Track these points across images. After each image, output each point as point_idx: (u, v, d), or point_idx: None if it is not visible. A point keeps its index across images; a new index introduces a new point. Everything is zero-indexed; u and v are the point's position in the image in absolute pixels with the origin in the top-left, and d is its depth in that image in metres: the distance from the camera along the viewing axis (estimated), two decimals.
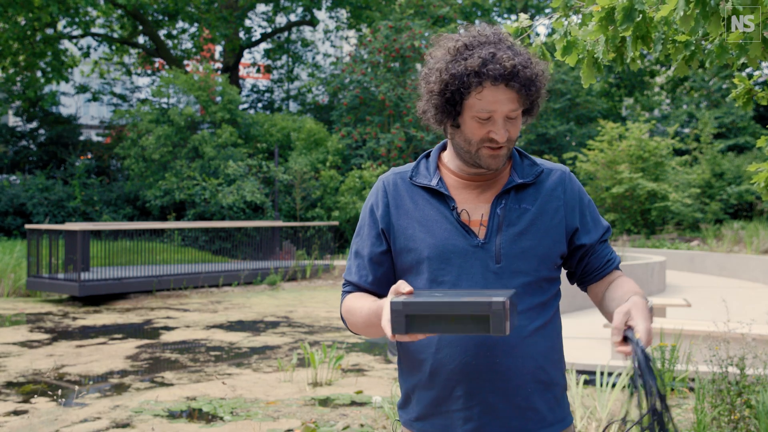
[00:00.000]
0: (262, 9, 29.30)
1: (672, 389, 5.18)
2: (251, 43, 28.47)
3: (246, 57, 30.98)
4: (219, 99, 21.22)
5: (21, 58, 22.07)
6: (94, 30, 24.93)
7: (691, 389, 5.26)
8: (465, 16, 26.41)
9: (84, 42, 26.81)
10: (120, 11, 24.38)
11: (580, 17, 2.56)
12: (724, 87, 25.67)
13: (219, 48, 29.00)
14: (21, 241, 16.83)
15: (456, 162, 1.68)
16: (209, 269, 14.21)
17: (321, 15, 30.85)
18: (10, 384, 6.33)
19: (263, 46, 30.19)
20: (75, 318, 10.43)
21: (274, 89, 30.88)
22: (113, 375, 6.75)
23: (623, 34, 2.31)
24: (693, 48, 2.47)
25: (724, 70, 23.52)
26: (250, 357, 7.57)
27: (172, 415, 5.32)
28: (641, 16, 2.23)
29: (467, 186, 1.67)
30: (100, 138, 26.35)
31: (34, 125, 24.31)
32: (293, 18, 29.45)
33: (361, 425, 4.86)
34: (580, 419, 4.25)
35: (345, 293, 1.74)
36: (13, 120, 27.60)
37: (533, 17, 19.05)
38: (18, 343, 8.30)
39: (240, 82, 28.80)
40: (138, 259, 13.34)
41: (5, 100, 23.06)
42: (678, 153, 24.21)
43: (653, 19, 2.33)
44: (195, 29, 26.45)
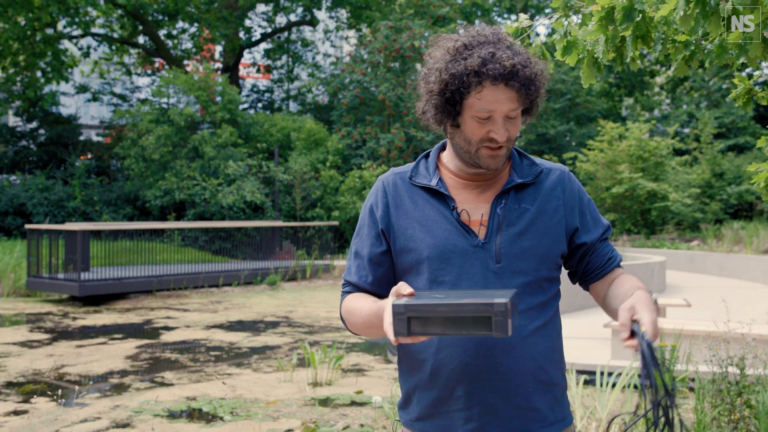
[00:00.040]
0: (262, 9, 29.31)
1: (672, 389, 5.18)
2: (251, 43, 28.47)
3: (246, 57, 30.98)
4: (219, 99, 21.22)
5: (21, 58, 22.07)
6: (94, 30, 24.93)
7: (691, 389, 5.26)
8: (465, 16, 26.41)
9: (84, 42, 26.81)
10: (120, 11, 24.38)
11: (580, 17, 2.56)
12: (724, 87, 25.67)
13: (219, 48, 29.00)
14: (21, 241, 16.83)
15: (455, 162, 1.68)
16: (209, 269, 14.21)
17: (321, 15, 30.84)
18: (10, 384, 6.33)
19: (263, 46, 30.19)
20: (75, 318, 10.43)
21: (274, 89, 30.88)
22: (113, 375, 6.75)
23: (623, 33, 2.31)
24: (693, 48, 2.47)
25: (724, 70, 23.52)
26: (250, 357, 7.57)
27: (172, 415, 5.32)
28: (641, 15, 2.23)
29: (467, 186, 1.67)
30: (100, 138, 26.35)
31: (34, 125, 24.31)
32: (293, 18, 29.45)
33: (361, 425, 4.86)
34: (580, 419, 4.25)
35: (344, 293, 1.74)
36: (13, 120, 27.60)
37: (533, 17, 19.04)
38: (18, 343, 8.30)
39: (240, 82, 28.79)
40: (138, 259, 13.35)
41: (5, 100, 23.06)
42: (678, 153, 24.20)
43: (653, 19, 2.33)
44: (195, 29, 26.45)
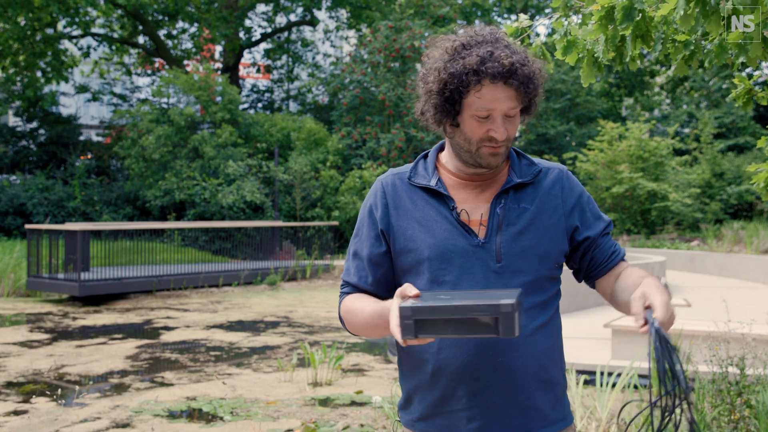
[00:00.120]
0: (262, 9, 29.30)
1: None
2: (251, 43, 28.47)
3: (246, 57, 30.98)
4: (219, 99, 21.22)
5: (21, 58, 22.07)
6: (94, 30, 24.93)
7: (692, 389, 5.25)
8: (465, 16, 26.40)
9: (84, 42, 26.80)
10: (120, 11, 24.38)
11: (580, 17, 2.56)
12: (724, 87, 25.66)
13: (219, 48, 29.00)
14: (21, 241, 16.84)
15: (454, 162, 1.68)
16: (209, 269, 14.21)
17: (321, 15, 30.84)
18: (10, 384, 6.33)
19: (263, 46, 30.19)
20: (75, 318, 10.43)
21: (274, 89, 30.87)
22: (113, 375, 6.75)
23: (623, 33, 2.31)
24: (693, 48, 2.47)
25: (724, 70, 23.51)
26: (250, 357, 7.57)
27: (172, 415, 5.32)
28: (641, 15, 2.23)
29: (466, 186, 1.67)
30: (100, 138, 26.34)
31: (34, 125, 24.30)
32: (293, 18, 29.45)
33: (361, 425, 4.86)
34: (580, 419, 4.24)
35: (343, 294, 1.73)
36: (13, 120, 27.59)
37: (533, 17, 19.04)
38: (18, 343, 8.30)
39: (240, 82, 28.79)
40: (138, 259, 13.34)
41: (5, 100, 23.06)
42: (678, 153, 24.19)
43: (653, 19, 2.33)
44: (195, 29, 26.45)
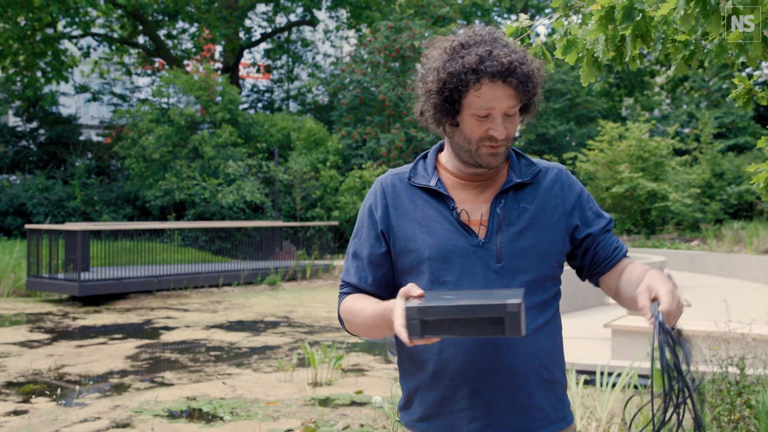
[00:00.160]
0: (262, 9, 29.30)
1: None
2: (251, 43, 28.46)
3: (246, 57, 30.97)
4: (219, 99, 21.22)
5: (21, 58, 22.06)
6: (94, 30, 24.92)
7: None
8: (465, 16, 26.39)
9: (84, 42, 26.80)
10: (120, 11, 24.37)
11: (580, 17, 2.56)
12: (724, 87, 25.65)
13: (219, 48, 28.99)
14: (21, 241, 16.83)
15: (454, 162, 1.68)
16: (209, 269, 14.21)
17: (321, 15, 30.84)
18: (10, 384, 6.33)
19: (263, 46, 30.18)
20: (75, 318, 10.43)
21: (274, 89, 30.87)
22: (113, 375, 6.75)
23: (623, 33, 2.31)
24: (693, 47, 2.47)
25: (724, 70, 23.51)
26: (250, 357, 7.57)
27: (172, 415, 5.31)
28: (641, 15, 2.23)
29: (466, 186, 1.67)
30: (100, 138, 26.34)
31: (34, 125, 24.30)
32: (293, 18, 29.44)
33: (361, 425, 4.86)
34: (580, 419, 4.24)
35: (343, 294, 1.73)
36: (13, 120, 27.59)
37: (533, 17, 19.03)
38: (18, 343, 8.30)
39: (240, 82, 28.79)
40: (138, 259, 13.34)
41: (5, 100, 23.06)
42: (678, 153, 24.18)
43: (653, 18, 2.33)
44: (195, 29, 26.44)
